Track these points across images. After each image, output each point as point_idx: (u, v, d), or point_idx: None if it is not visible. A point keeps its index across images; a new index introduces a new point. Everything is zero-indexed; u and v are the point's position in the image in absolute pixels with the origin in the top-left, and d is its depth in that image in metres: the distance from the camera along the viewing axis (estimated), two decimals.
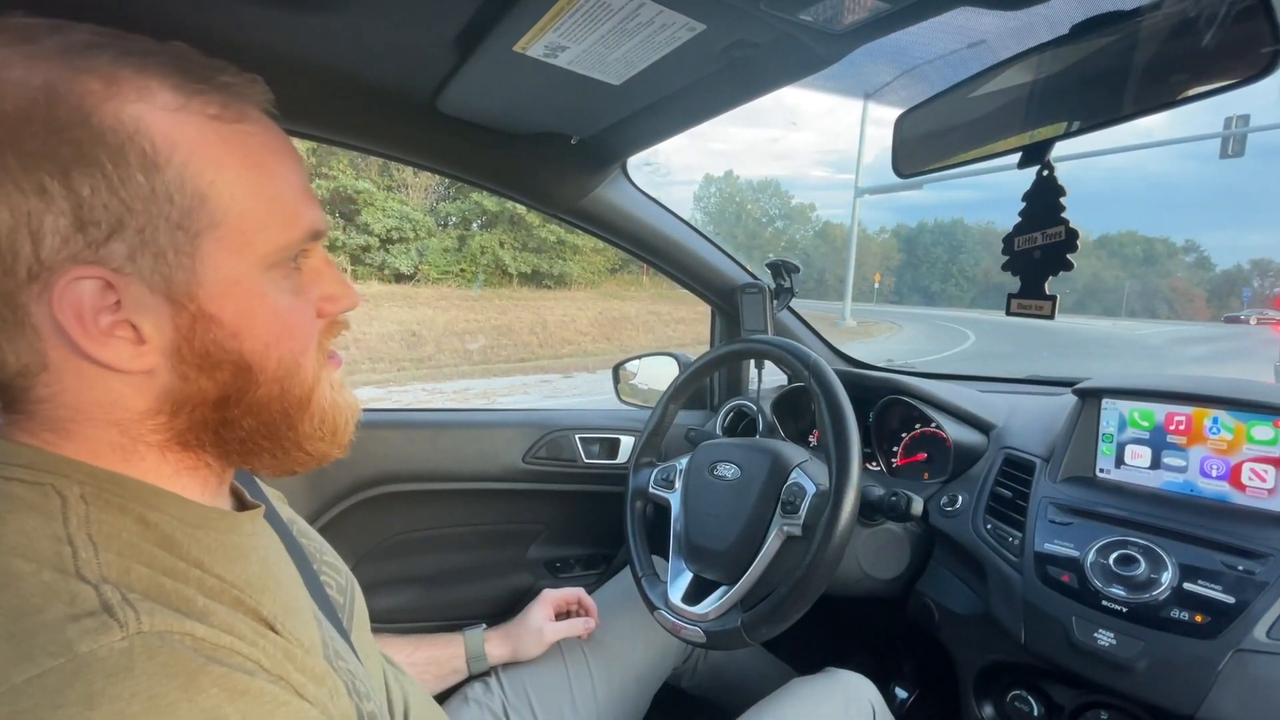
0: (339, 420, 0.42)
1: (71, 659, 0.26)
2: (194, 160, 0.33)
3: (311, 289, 0.40)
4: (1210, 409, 0.73)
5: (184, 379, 0.36)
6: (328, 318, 0.42)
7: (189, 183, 0.33)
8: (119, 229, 0.32)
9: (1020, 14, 0.56)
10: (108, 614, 0.28)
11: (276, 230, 0.36)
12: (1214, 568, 0.63)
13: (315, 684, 0.35)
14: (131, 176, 0.31)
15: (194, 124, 0.33)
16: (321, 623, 0.43)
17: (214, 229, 0.34)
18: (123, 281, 0.32)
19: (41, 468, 0.33)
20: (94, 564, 0.30)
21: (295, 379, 0.39)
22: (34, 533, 0.31)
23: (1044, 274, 0.55)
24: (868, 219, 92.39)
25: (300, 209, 0.38)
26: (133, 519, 0.34)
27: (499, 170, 0.94)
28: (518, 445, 1.14)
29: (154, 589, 0.31)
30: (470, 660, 0.83)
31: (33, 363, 0.33)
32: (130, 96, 0.32)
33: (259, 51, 0.64)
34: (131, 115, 0.32)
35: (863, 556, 0.86)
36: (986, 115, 0.62)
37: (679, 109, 0.75)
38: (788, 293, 1.21)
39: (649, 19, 0.54)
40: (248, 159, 0.35)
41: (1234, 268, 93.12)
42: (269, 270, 0.37)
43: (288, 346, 0.38)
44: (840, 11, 0.53)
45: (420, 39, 0.63)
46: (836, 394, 0.76)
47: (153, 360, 0.34)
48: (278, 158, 0.37)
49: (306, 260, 0.40)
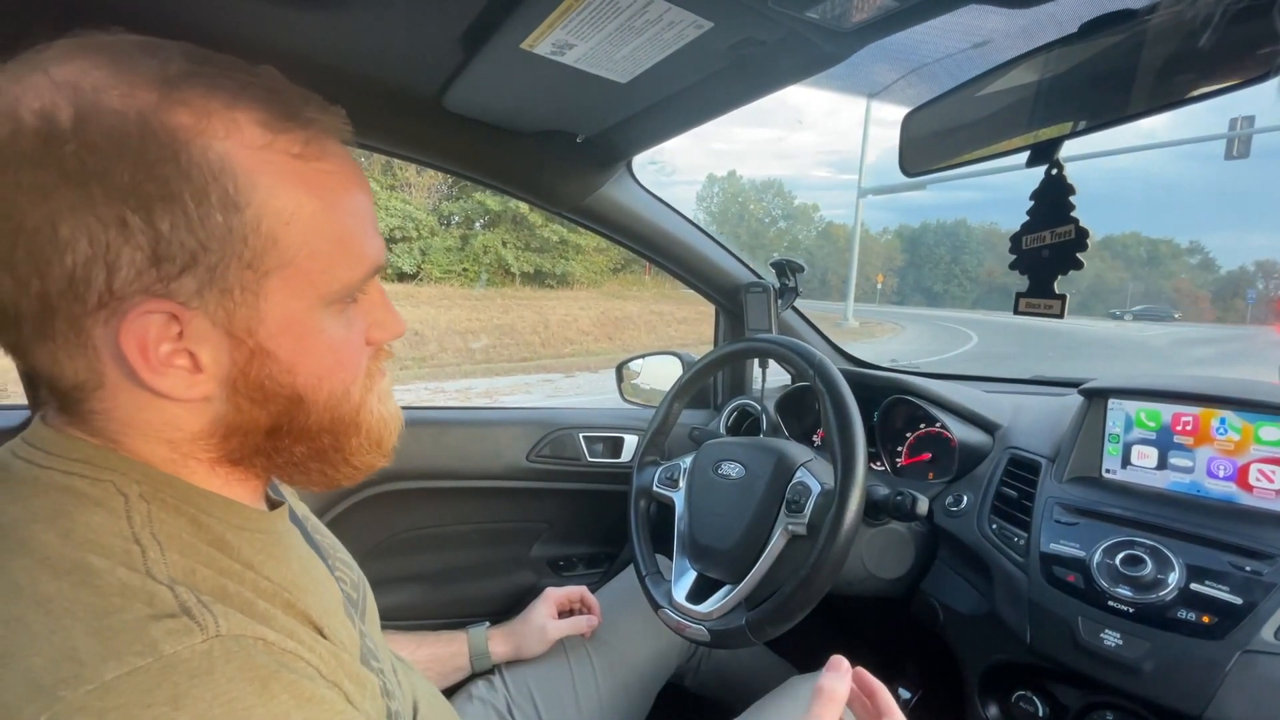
0: (384, 433, 0.43)
1: (158, 659, 0.27)
2: (272, 202, 0.33)
3: (362, 320, 0.40)
4: (1217, 409, 0.72)
5: (237, 409, 0.36)
6: (375, 345, 0.42)
7: (265, 224, 0.33)
8: (192, 265, 0.32)
9: (1028, 12, 0.56)
10: (188, 616, 0.29)
11: (343, 270, 0.36)
12: (1221, 568, 0.62)
13: (359, 689, 0.36)
14: (211, 215, 0.31)
15: (276, 164, 0.33)
16: (354, 620, 0.44)
17: (282, 269, 0.34)
18: (188, 315, 0.33)
19: (101, 464, 0.34)
20: (162, 564, 0.31)
21: (346, 407, 0.39)
22: (101, 529, 0.31)
23: (1053, 273, 0.55)
24: (871, 219, 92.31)
25: (366, 246, 0.37)
26: (187, 520, 0.34)
27: (504, 168, 0.94)
28: (521, 443, 1.14)
29: (220, 592, 0.32)
30: (473, 658, 0.84)
31: (90, 380, 0.33)
32: (219, 133, 0.32)
33: (266, 48, 0.64)
34: (218, 154, 0.31)
35: (867, 556, 0.86)
36: (994, 114, 0.62)
37: (685, 107, 0.75)
38: (792, 292, 1.21)
39: (657, 16, 0.54)
40: (323, 199, 0.35)
41: (1239, 269, 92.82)
42: (328, 306, 0.37)
43: (339, 378, 0.38)
44: (848, 9, 0.52)
45: (427, 36, 0.63)
46: (842, 393, 0.76)
47: (208, 389, 0.35)
48: (350, 194, 0.37)
49: (363, 293, 0.40)
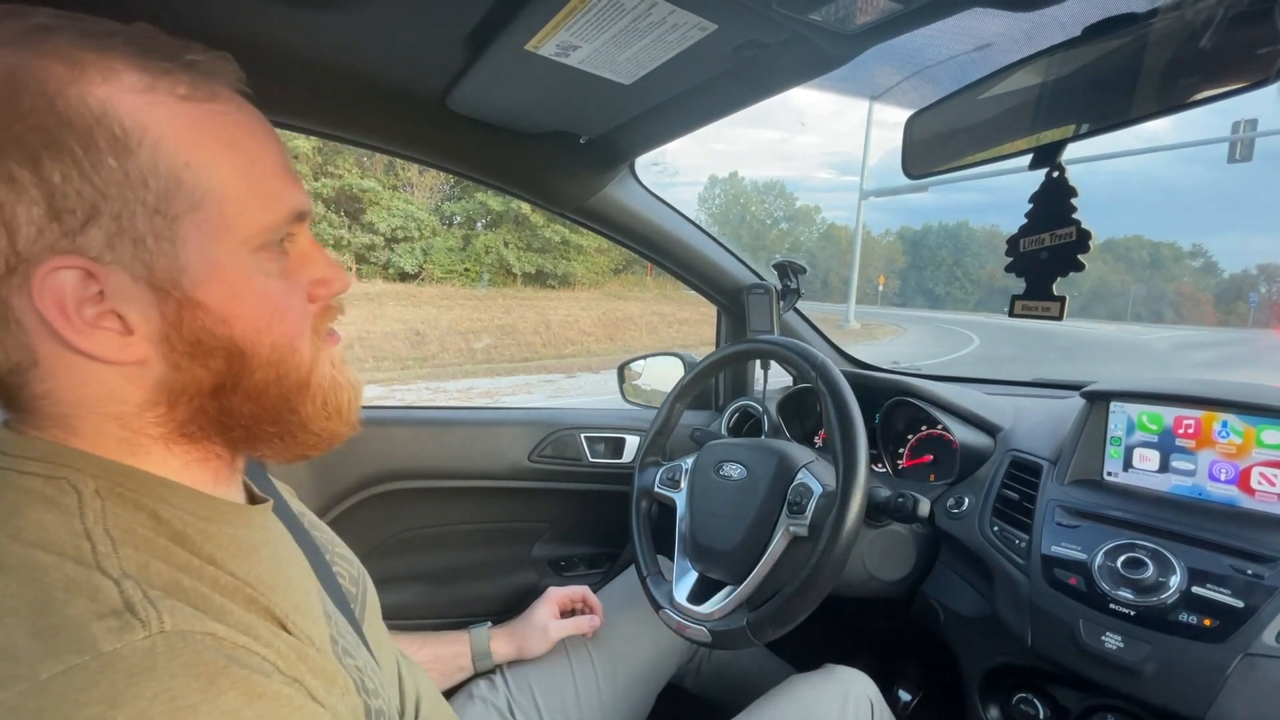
0: (342, 399, 0.42)
1: (96, 657, 0.27)
2: (166, 141, 0.32)
3: (300, 273, 0.39)
4: (1220, 412, 0.72)
5: (176, 368, 0.35)
6: (320, 302, 0.41)
7: (162, 165, 0.32)
8: (94, 216, 0.31)
9: (1031, 16, 0.56)
10: (130, 613, 0.28)
11: (257, 211, 0.35)
12: (1223, 572, 0.62)
13: (326, 685, 0.35)
14: (103, 161, 0.31)
15: (163, 105, 0.32)
16: (333, 617, 0.43)
17: (193, 212, 0.33)
18: (103, 270, 0.32)
19: (56, 461, 0.33)
20: (114, 559, 0.30)
21: (291, 363, 0.38)
22: (52, 527, 0.31)
23: (1052, 274, 0.55)
24: (872, 221, 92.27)
25: (281, 189, 0.37)
26: (146, 514, 0.34)
27: (507, 169, 0.94)
28: (523, 443, 1.14)
29: (173, 586, 0.31)
30: (475, 658, 0.84)
31: (23, 359, 0.33)
32: (95, 79, 0.31)
33: (272, 48, 0.64)
34: (98, 98, 0.31)
35: (868, 558, 0.86)
36: (997, 117, 0.62)
37: (688, 109, 0.75)
38: (794, 294, 1.21)
39: (661, 18, 0.54)
40: (221, 139, 0.34)
41: (1241, 273, 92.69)
42: (254, 254, 0.36)
43: (280, 330, 0.37)
44: (852, 12, 0.53)
45: (432, 37, 0.63)
46: (844, 394, 0.76)
47: (142, 350, 0.34)
48: (253, 138, 0.36)
49: (293, 244, 0.39)
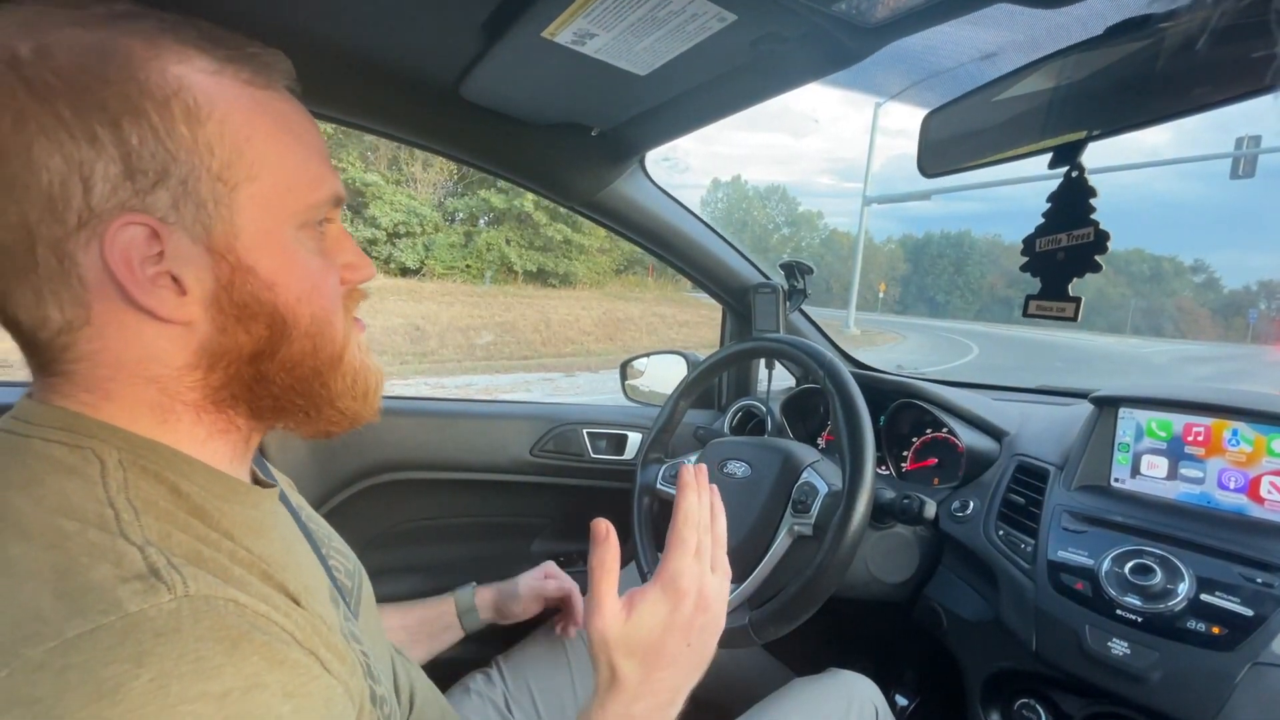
0: (370, 382, 0.44)
1: (122, 617, 0.27)
2: (232, 117, 0.35)
3: (334, 255, 0.42)
4: (1230, 420, 0.72)
5: (222, 331, 0.37)
6: (349, 285, 0.43)
7: (228, 137, 0.35)
8: (164, 177, 0.33)
9: (1053, 14, 0.56)
10: (155, 577, 0.29)
11: (305, 190, 0.38)
12: (1232, 580, 0.62)
13: (339, 660, 0.35)
14: (176, 128, 0.33)
15: (230, 86, 0.35)
16: (338, 604, 0.43)
17: (250, 182, 0.36)
18: (167, 230, 0.34)
19: (80, 431, 0.34)
20: (136, 526, 0.31)
21: (326, 336, 0.40)
22: (75, 495, 0.31)
23: (1069, 275, 0.55)
24: (874, 228, 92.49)
25: (324, 174, 0.40)
26: (166, 488, 0.35)
27: (518, 159, 0.94)
28: (526, 438, 1.14)
29: (194, 555, 0.32)
30: (461, 614, 0.82)
31: (76, 317, 0.34)
32: (172, 59, 0.34)
33: (287, 31, 0.64)
34: (175, 74, 0.34)
35: (871, 559, 0.86)
36: (1015, 117, 0.61)
37: (702, 103, 0.75)
38: (800, 294, 1.21)
39: (680, 7, 0.54)
40: (278, 122, 0.37)
41: (1242, 289, 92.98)
42: (299, 229, 0.39)
43: (319, 304, 0.40)
44: (874, 4, 0.52)
45: (448, 23, 0.62)
46: (852, 394, 0.75)
47: (193, 311, 0.36)
48: (303, 125, 0.39)
49: (329, 227, 0.42)
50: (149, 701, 0.26)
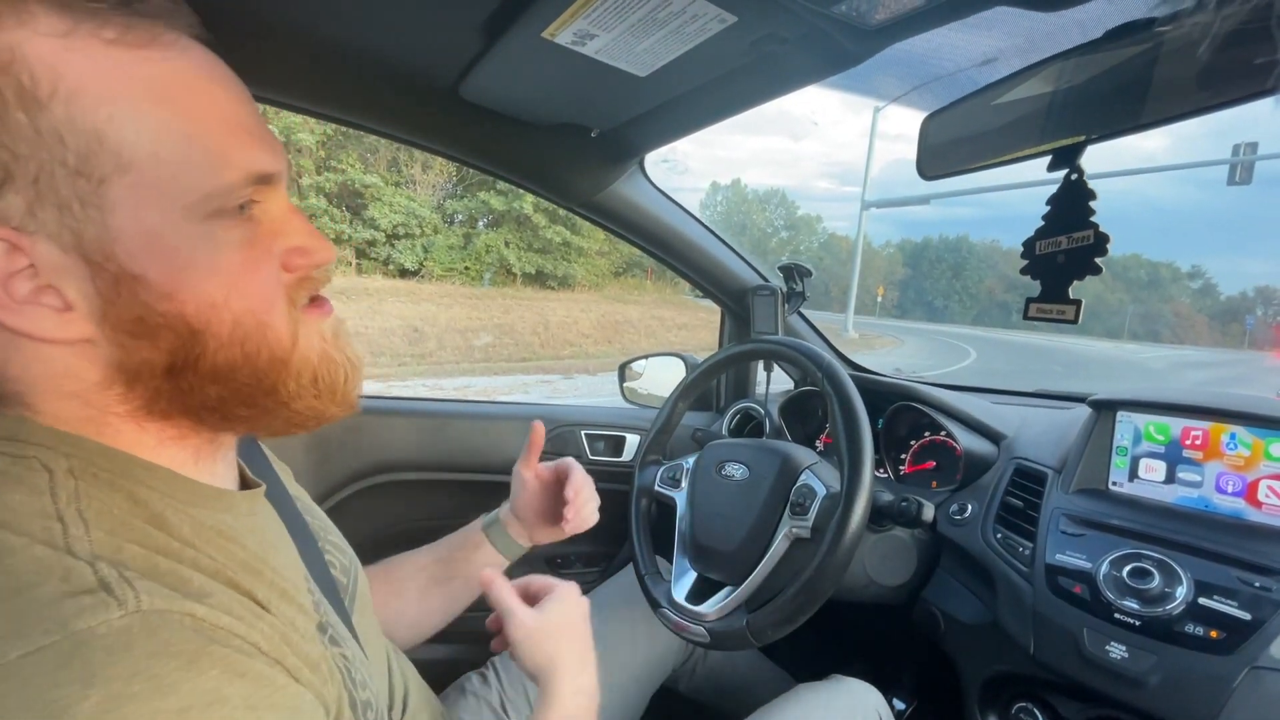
0: (335, 376, 0.38)
1: (67, 636, 0.25)
2: (85, 93, 0.28)
3: (273, 241, 0.36)
4: (1228, 424, 0.72)
5: (123, 348, 0.32)
6: (299, 272, 0.37)
7: (80, 119, 0.28)
8: (8, 179, 0.28)
9: (1052, 17, 0.56)
10: (105, 591, 0.27)
11: (200, 174, 0.31)
12: (1230, 584, 0.62)
13: (309, 668, 0.34)
14: (9, 115, 0.27)
15: (84, 50, 0.29)
16: (321, 605, 0.42)
17: (121, 174, 0.30)
18: (28, 241, 0.29)
19: (26, 439, 0.32)
20: (85, 540, 0.29)
21: (262, 340, 0.35)
22: (20, 508, 0.29)
23: (1069, 277, 0.55)
24: (873, 232, 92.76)
25: (233, 149, 0.33)
26: (122, 496, 0.32)
27: (518, 160, 0.94)
28: (523, 438, 1.13)
29: (149, 568, 0.30)
30: (485, 526, 0.77)
31: None
32: (7, 22, 0.28)
33: (284, 29, 0.64)
34: (7, 44, 0.27)
35: (869, 562, 0.86)
36: (1014, 120, 0.61)
37: (701, 104, 0.75)
38: (799, 296, 1.21)
39: (681, 8, 0.54)
40: (153, 91, 0.30)
41: (1239, 295, 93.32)
42: (204, 221, 0.32)
43: (243, 306, 0.34)
44: (874, 6, 0.52)
45: (448, 22, 0.62)
46: (850, 396, 0.75)
47: (83, 328, 0.31)
48: (199, 89, 0.32)
49: (263, 210, 0.35)
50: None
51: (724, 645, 0.77)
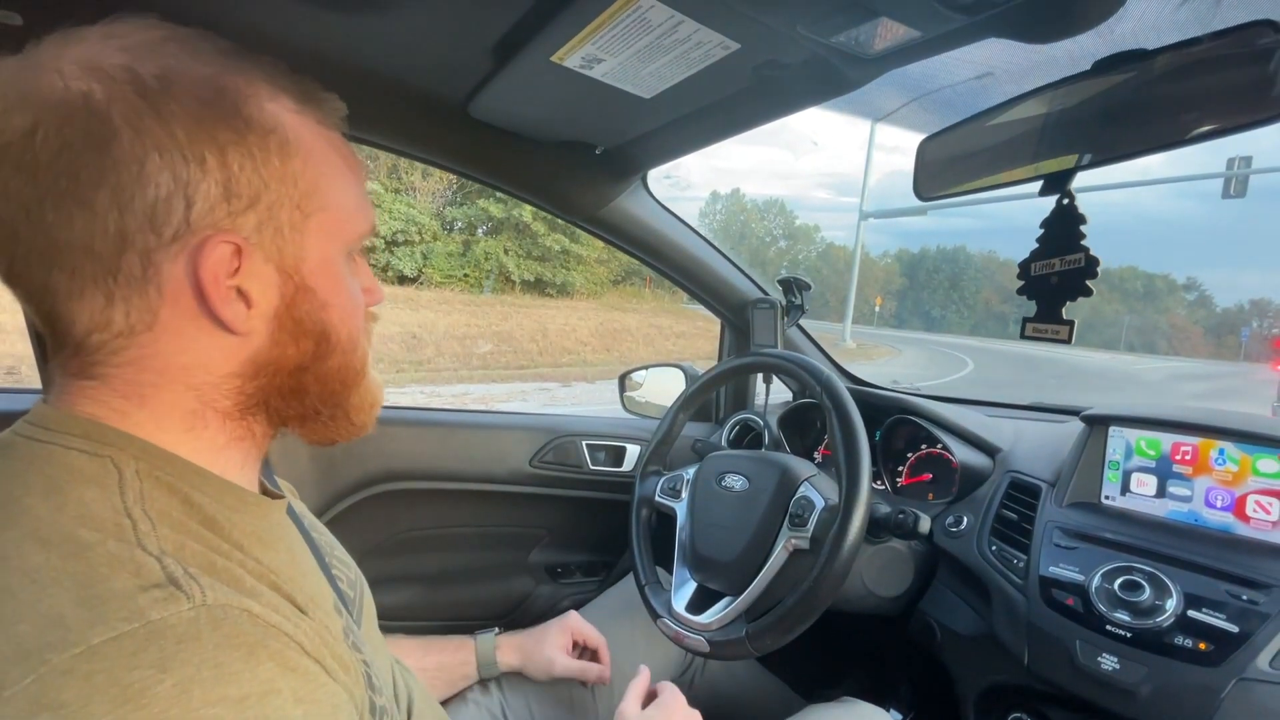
0: (378, 397, 0.47)
1: (145, 624, 0.28)
2: (313, 154, 0.39)
3: (360, 279, 0.45)
4: (1217, 440, 0.74)
5: (275, 343, 0.40)
6: (370, 306, 0.47)
7: (309, 171, 0.39)
8: (255, 203, 0.36)
9: (1043, 48, 0.58)
10: (174, 585, 0.30)
11: (357, 222, 0.43)
12: (1218, 597, 0.63)
13: (343, 669, 0.36)
14: (270, 159, 0.37)
15: (309, 126, 0.39)
16: (341, 613, 0.44)
17: (321, 212, 0.40)
18: (249, 249, 0.37)
19: (100, 439, 0.35)
20: (153, 537, 0.32)
21: (356, 354, 0.44)
22: (94, 504, 0.32)
23: (1062, 299, 0.56)
24: (871, 242, 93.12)
25: (366, 207, 0.44)
26: (179, 499, 0.35)
27: (523, 175, 0.96)
28: (525, 448, 1.14)
29: (208, 565, 0.33)
30: (481, 666, 0.82)
31: (140, 322, 0.35)
32: (266, 97, 0.38)
33: (298, 48, 0.65)
34: (271, 112, 0.37)
35: (866, 573, 0.87)
36: (1007, 143, 0.63)
37: (703, 125, 0.77)
38: (798, 310, 1.22)
39: (686, 36, 0.56)
40: (342, 161, 0.42)
41: (1235, 307, 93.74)
42: (347, 256, 0.43)
43: (354, 324, 0.43)
44: (872, 37, 0.54)
45: (460, 44, 0.64)
46: (848, 410, 0.77)
47: (255, 324, 0.38)
48: (356, 164, 0.44)
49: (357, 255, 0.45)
50: (172, 705, 0.27)
51: (723, 655, 0.78)
